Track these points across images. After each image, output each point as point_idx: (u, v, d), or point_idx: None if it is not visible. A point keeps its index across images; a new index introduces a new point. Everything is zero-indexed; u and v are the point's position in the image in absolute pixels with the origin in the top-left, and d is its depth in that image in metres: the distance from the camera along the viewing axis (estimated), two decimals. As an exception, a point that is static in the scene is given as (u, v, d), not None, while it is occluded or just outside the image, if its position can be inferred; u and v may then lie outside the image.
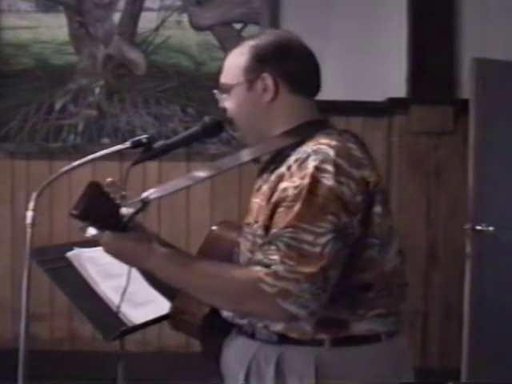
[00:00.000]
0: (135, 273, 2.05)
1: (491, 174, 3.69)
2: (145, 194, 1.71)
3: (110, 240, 1.70)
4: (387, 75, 4.14)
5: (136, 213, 1.67)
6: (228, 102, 1.82)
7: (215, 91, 1.86)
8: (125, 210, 1.65)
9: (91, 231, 1.66)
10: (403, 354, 1.81)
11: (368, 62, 4.15)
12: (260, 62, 1.76)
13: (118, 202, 1.64)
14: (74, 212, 1.57)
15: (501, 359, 3.63)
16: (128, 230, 1.69)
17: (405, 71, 4.16)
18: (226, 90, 1.81)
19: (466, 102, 3.74)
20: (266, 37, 1.81)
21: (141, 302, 2.09)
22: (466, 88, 3.91)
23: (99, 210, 1.59)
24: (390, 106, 4.15)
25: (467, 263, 3.63)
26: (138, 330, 2.07)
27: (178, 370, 3.97)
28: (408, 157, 4.19)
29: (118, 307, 1.92)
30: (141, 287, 2.12)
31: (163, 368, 4.14)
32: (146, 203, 1.69)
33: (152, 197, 1.71)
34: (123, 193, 1.67)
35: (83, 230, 1.68)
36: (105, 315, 2.01)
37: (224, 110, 1.84)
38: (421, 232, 4.16)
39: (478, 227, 3.60)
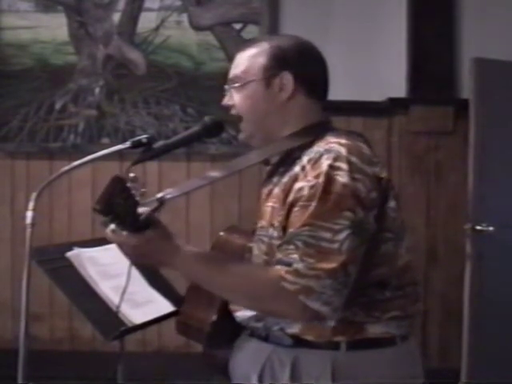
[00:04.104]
0: (135, 273, 2.05)
1: (491, 174, 3.69)
2: (161, 194, 1.69)
3: (134, 242, 1.66)
4: (387, 75, 4.14)
5: (153, 211, 1.65)
6: (240, 99, 1.81)
7: (227, 86, 1.84)
8: (141, 209, 1.63)
9: (112, 227, 1.63)
10: (415, 357, 1.82)
11: (368, 62, 4.15)
12: (281, 62, 1.78)
13: (137, 199, 1.62)
14: (98, 207, 1.54)
15: (501, 359, 3.63)
16: (147, 228, 1.66)
17: (405, 71, 4.16)
18: (240, 85, 1.80)
19: (466, 102, 3.74)
20: (286, 39, 1.84)
21: (141, 302, 2.08)
22: (466, 88, 3.91)
23: (121, 205, 1.56)
24: (390, 106, 4.15)
25: (467, 263, 3.63)
26: (138, 330, 2.07)
27: (178, 370, 3.97)
28: (408, 157, 4.19)
29: (118, 307, 1.92)
30: (141, 287, 2.12)
31: (163, 368, 4.14)
32: (162, 202, 1.67)
33: (168, 196, 1.70)
34: (143, 190, 1.65)
35: (105, 224, 1.64)
36: (105, 315, 2.01)
37: (230, 107, 1.83)
38: (421, 232, 4.16)
39: (478, 227, 3.60)
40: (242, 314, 1.80)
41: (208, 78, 4.16)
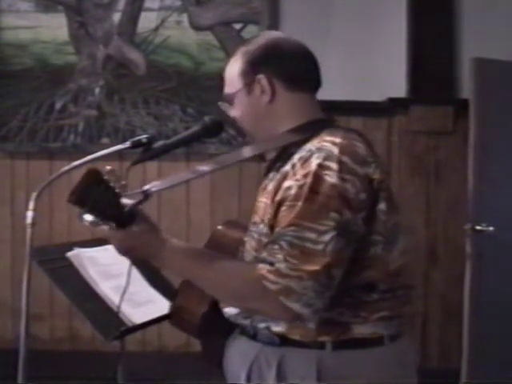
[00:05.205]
0: (135, 273, 2.05)
1: (491, 174, 3.69)
2: (147, 186, 1.69)
3: (120, 236, 1.67)
4: (387, 75, 4.14)
5: (137, 204, 1.65)
6: (234, 111, 1.83)
7: (220, 103, 1.87)
8: (126, 201, 1.63)
9: (88, 218, 1.62)
10: (407, 356, 1.80)
11: (368, 62, 4.15)
12: (253, 65, 1.78)
13: (117, 191, 1.61)
14: (71, 198, 1.53)
15: (501, 359, 3.63)
16: (132, 220, 1.66)
17: (405, 71, 4.16)
18: (230, 99, 1.83)
19: (466, 102, 3.74)
20: (256, 41, 1.83)
21: (141, 302, 2.09)
22: (466, 88, 3.90)
23: (98, 197, 1.55)
24: (390, 106, 4.15)
25: (467, 263, 3.63)
26: (138, 330, 2.07)
27: (178, 369, 3.97)
28: (408, 157, 4.19)
29: (118, 307, 1.92)
30: (141, 287, 2.12)
31: (163, 368, 4.14)
32: (147, 195, 1.67)
33: (154, 189, 1.70)
34: (123, 182, 1.65)
35: (80, 217, 1.62)
36: (105, 315, 2.01)
37: (235, 120, 1.85)
38: (421, 232, 4.16)
39: (478, 227, 3.60)
40: (230, 309, 1.80)
41: (208, 78, 4.16)
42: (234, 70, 1.81)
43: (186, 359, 3.91)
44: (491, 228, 3.59)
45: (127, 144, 1.80)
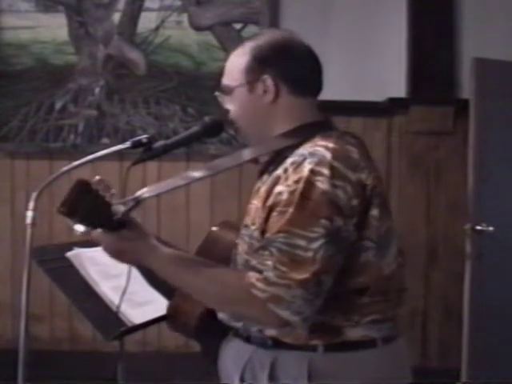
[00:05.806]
0: (135, 273, 2.05)
1: (491, 174, 3.69)
2: (138, 193, 1.69)
3: (110, 239, 1.68)
4: (387, 75, 4.14)
5: (128, 211, 1.65)
6: (230, 104, 1.82)
7: (217, 93, 1.86)
8: (117, 208, 1.63)
9: (79, 228, 1.63)
10: (401, 358, 1.80)
11: (368, 62, 4.15)
12: (260, 63, 1.76)
13: (107, 199, 1.62)
14: (61, 209, 1.54)
15: (501, 359, 3.63)
16: (124, 227, 1.67)
17: (405, 71, 4.16)
18: (228, 91, 1.81)
19: (466, 102, 3.74)
20: (266, 37, 1.80)
21: (141, 302, 2.09)
22: (466, 88, 3.91)
23: (88, 207, 1.56)
24: (390, 106, 4.15)
25: (467, 263, 3.63)
26: (138, 330, 2.07)
27: (178, 369, 3.97)
28: (408, 157, 4.19)
29: (118, 307, 1.92)
30: (141, 287, 2.12)
31: (163, 368, 4.14)
32: (138, 201, 1.67)
33: (145, 195, 1.70)
34: (112, 191, 1.66)
35: (71, 227, 1.64)
36: (105, 315, 2.01)
37: (228, 111, 1.83)
38: (421, 232, 4.16)
39: (478, 227, 3.60)
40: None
41: (208, 77, 4.16)
42: (238, 63, 1.79)
43: (185, 359, 3.91)
44: (491, 228, 3.59)
45: (127, 144, 1.80)
